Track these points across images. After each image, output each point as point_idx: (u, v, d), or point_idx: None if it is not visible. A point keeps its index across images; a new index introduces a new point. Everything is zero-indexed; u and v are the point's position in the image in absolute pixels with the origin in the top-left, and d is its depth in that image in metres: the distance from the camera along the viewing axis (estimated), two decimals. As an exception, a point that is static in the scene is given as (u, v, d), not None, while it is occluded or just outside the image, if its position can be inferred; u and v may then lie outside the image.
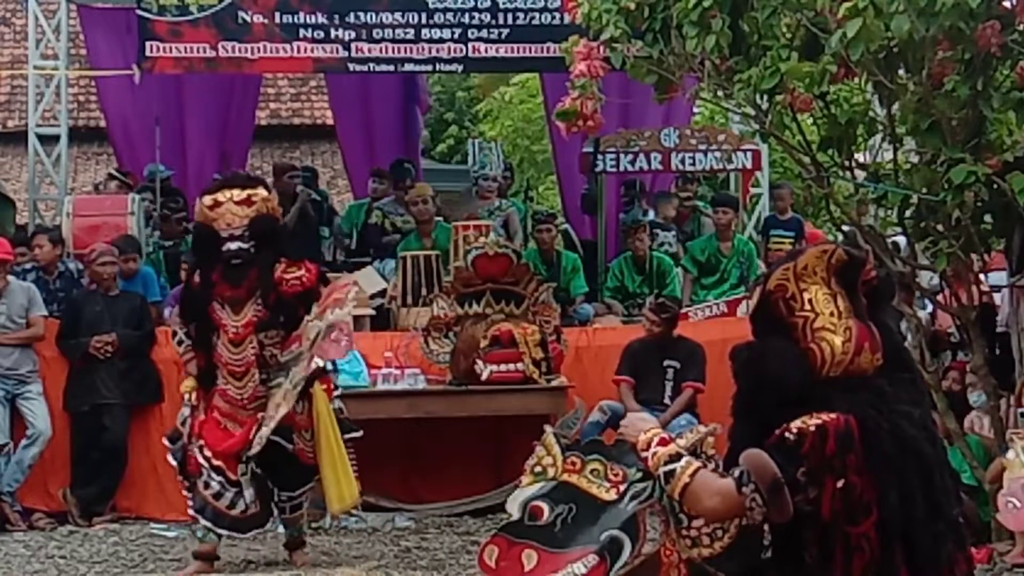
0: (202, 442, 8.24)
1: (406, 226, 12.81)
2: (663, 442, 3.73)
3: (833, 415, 3.57)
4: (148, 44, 12.14)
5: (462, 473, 10.48)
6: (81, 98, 20.10)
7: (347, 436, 8.46)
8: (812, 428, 3.54)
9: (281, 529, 9.82)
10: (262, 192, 8.29)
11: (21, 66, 16.45)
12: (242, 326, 8.19)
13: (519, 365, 10.19)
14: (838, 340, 3.67)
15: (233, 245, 8.08)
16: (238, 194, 8.15)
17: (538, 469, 4.80)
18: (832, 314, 3.70)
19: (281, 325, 8.31)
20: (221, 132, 14.78)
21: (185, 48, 12.17)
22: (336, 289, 8.41)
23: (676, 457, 3.69)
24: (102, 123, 16.05)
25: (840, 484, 3.53)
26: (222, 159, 14.65)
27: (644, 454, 3.75)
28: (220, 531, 8.39)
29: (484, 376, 10.18)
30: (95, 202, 12.42)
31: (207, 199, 8.17)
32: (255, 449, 8.11)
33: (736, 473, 3.56)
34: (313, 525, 9.92)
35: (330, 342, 8.12)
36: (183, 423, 8.38)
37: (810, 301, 3.72)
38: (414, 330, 10.67)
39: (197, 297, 8.30)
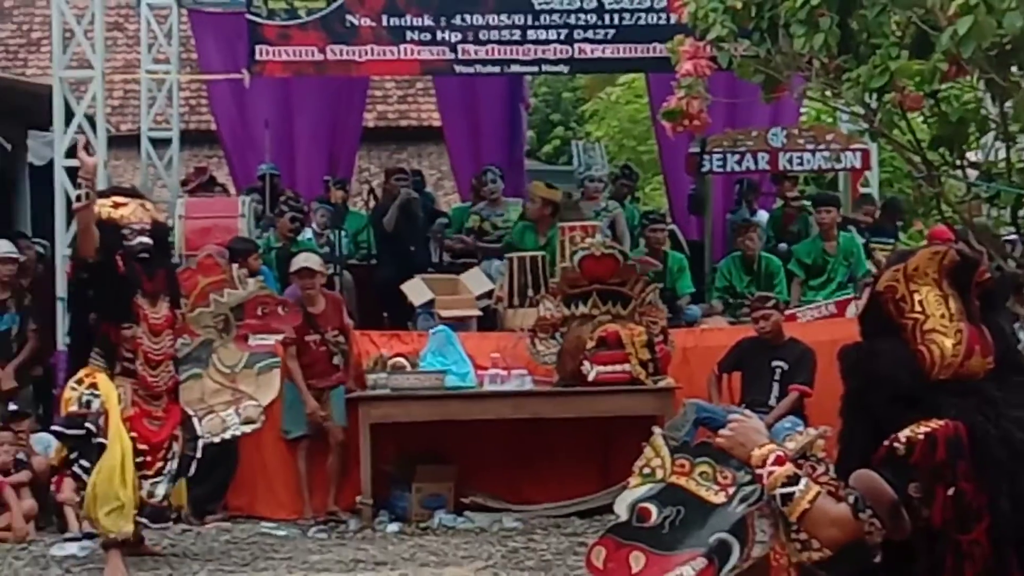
0: (135, 434, 8.52)
1: (504, 225, 12.89)
2: (779, 460, 3.68)
3: (942, 422, 3.52)
4: (257, 48, 12.25)
5: (569, 474, 10.49)
6: (192, 102, 20.37)
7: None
8: (921, 436, 3.50)
9: (390, 528, 9.93)
10: (149, 203, 9.04)
11: (134, 71, 16.65)
12: (162, 319, 8.71)
13: (626, 366, 10.17)
14: (948, 342, 3.62)
15: (145, 239, 8.56)
16: (135, 200, 8.78)
17: (646, 471, 4.79)
18: (943, 316, 3.65)
19: None
20: (329, 135, 14.91)
21: (294, 52, 12.27)
22: (195, 276, 9.25)
23: (794, 479, 3.64)
24: (212, 126, 16.25)
25: (951, 492, 3.49)
26: (330, 161, 14.79)
27: (759, 471, 3.70)
28: (141, 519, 8.67)
29: (591, 377, 10.17)
30: (206, 204, 12.59)
31: (107, 201, 8.59)
32: (222, 436, 9.09)
33: (851, 499, 3.52)
34: (421, 526, 10.00)
35: (277, 316, 9.37)
36: (90, 405, 8.45)
37: (921, 303, 3.67)
38: (521, 331, 10.69)
39: (128, 283, 8.56)
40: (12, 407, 10.91)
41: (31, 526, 9.94)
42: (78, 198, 8.44)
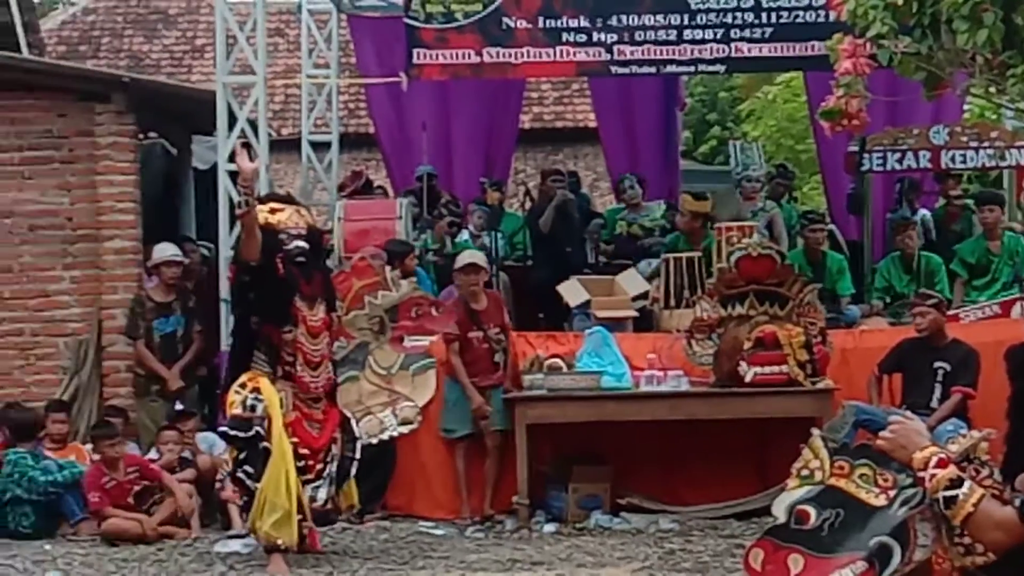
0: (296, 439, 8.60)
1: (652, 225, 12.86)
2: (942, 463, 3.63)
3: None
4: (415, 51, 12.35)
5: (726, 476, 10.43)
6: (351, 105, 20.61)
7: None
8: (1087, 437, 3.44)
9: (547, 528, 9.96)
10: (304, 208, 9.11)
11: (294, 75, 16.91)
12: (320, 321, 8.81)
13: (783, 367, 10.09)
14: (1119, 343, 3.54)
15: (301, 243, 8.69)
16: (291, 206, 8.93)
17: (805, 472, 4.74)
18: (1114, 316, 3.58)
19: None
20: (486, 136, 15.00)
21: (451, 55, 12.35)
22: (350, 279, 9.54)
23: (957, 482, 3.59)
24: (371, 130, 16.43)
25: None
26: (487, 163, 14.88)
27: (921, 474, 3.65)
28: (305, 523, 8.73)
29: (748, 378, 10.11)
30: (365, 207, 12.73)
31: (264, 207, 8.71)
32: (380, 437, 9.40)
33: (1017, 502, 3.46)
34: (577, 526, 10.02)
35: (431, 318, 9.65)
36: (255, 409, 8.52)
37: (1090, 303, 3.60)
38: (677, 332, 10.66)
39: (288, 286, 8.69)
40: (178, 407, 11.17)
41: (195, 501, 10.17)
42: (239, 205, 8.60)
